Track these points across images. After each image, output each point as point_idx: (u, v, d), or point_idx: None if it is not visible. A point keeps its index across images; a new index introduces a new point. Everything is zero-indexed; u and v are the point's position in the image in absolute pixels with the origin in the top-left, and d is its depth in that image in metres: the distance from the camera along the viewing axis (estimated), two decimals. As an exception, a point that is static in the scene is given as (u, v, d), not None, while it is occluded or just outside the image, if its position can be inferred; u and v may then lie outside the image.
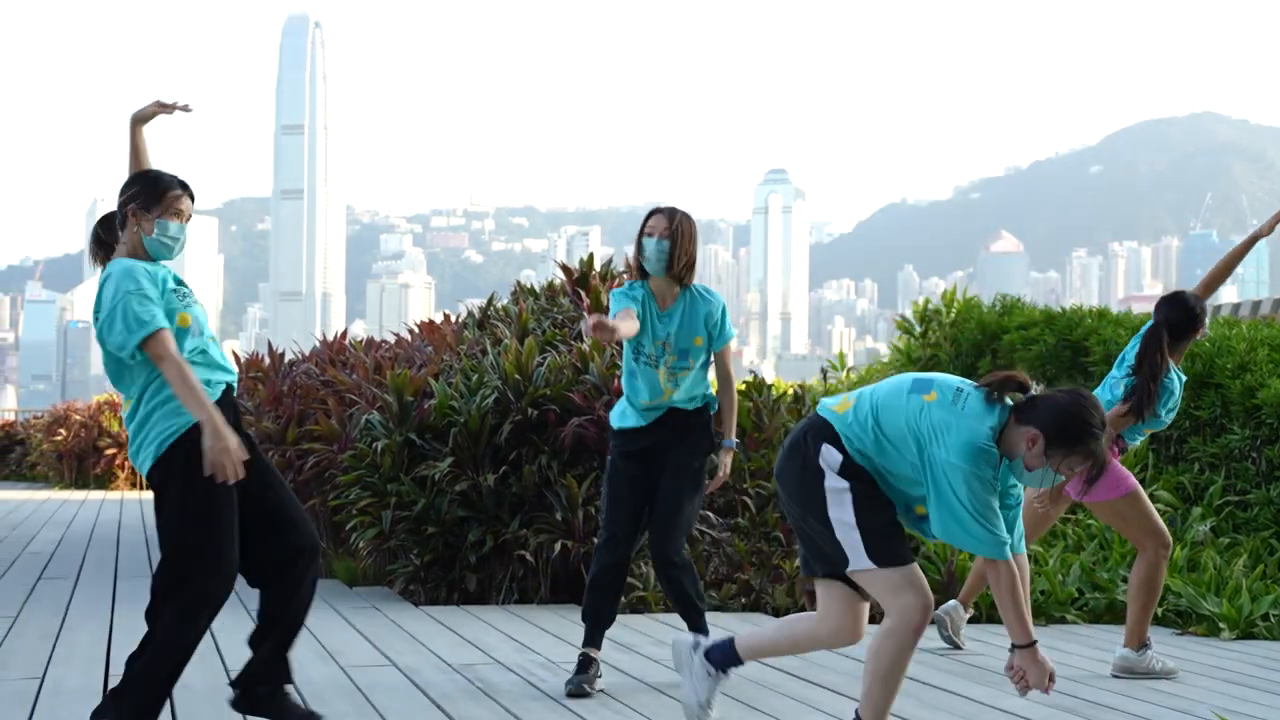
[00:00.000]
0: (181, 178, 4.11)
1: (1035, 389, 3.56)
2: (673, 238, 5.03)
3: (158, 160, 4.54)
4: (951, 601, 6.18)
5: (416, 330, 9.99)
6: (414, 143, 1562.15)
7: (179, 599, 3.79)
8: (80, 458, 19.19)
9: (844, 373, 14.31)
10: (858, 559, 3.60)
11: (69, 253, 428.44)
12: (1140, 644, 5.54)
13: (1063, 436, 3.46)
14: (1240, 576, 7.11)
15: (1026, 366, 11.07)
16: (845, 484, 3.59)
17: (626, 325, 4.75)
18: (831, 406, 3.69)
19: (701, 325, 5.05)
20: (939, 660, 5.80)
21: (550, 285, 9.81)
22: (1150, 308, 6.05)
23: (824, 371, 12.12)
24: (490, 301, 9.93)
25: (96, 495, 17.31)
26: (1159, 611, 6.95)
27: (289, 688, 4.10)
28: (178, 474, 3.79)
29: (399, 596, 7.56)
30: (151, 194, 3.99)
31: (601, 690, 5.00)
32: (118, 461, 18.88)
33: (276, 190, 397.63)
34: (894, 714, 4.70)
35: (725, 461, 5.24)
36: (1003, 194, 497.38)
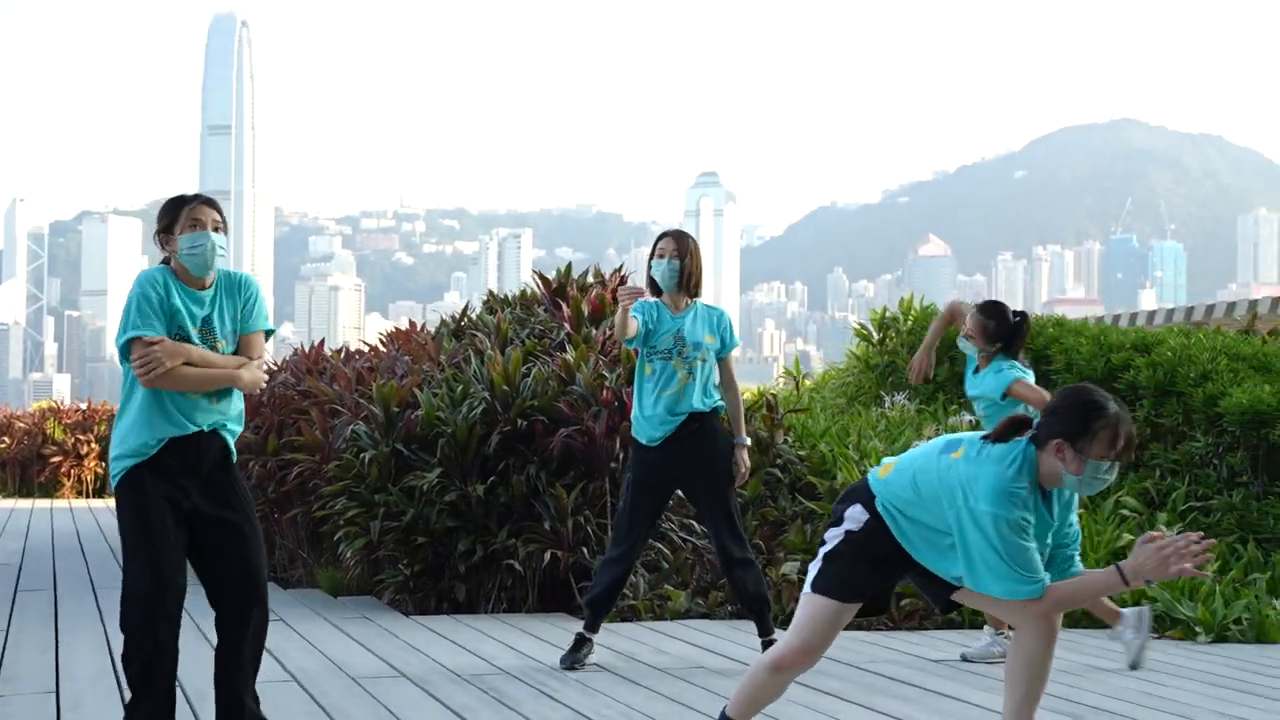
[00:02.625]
0: (196, 192, 4.19)
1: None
2: (681, 257, 5.76)
3: (78, 156, 4.58)
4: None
5: (387, 338, 10.00)
6: (343, 144, 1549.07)
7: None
8: (24, 465, 18.92)
9: (799, 379, 14.46)
10: (809, 584, 3.81)
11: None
12: (999, 630, 6.04)
13: (1078, 425, 3.52)
14: (1213, 581, 7.35)
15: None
16: (841, 535, 3.78)
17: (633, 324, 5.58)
18: (877, 472, 3.84)
19: (714, 327, 5.78)
20: (940, 668, 5.95)
21: (524, 294, 9.87)
22: (1073, 311, 6.50)
23: (796, 381, 12.26)
24: (465, 311, 9.97)
25: (43, 504, 17.05)
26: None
27: None
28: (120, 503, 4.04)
29: (387, 606, 7.58)
30: (170, 217, 4.07)
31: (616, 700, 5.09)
32: (63, 470, 18.63)
33: (203, 191, 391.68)
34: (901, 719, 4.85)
35: (742, 457, 5.81)
36: (930, 198, 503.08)
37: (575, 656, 5.77)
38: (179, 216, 4.05)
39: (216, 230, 4.05)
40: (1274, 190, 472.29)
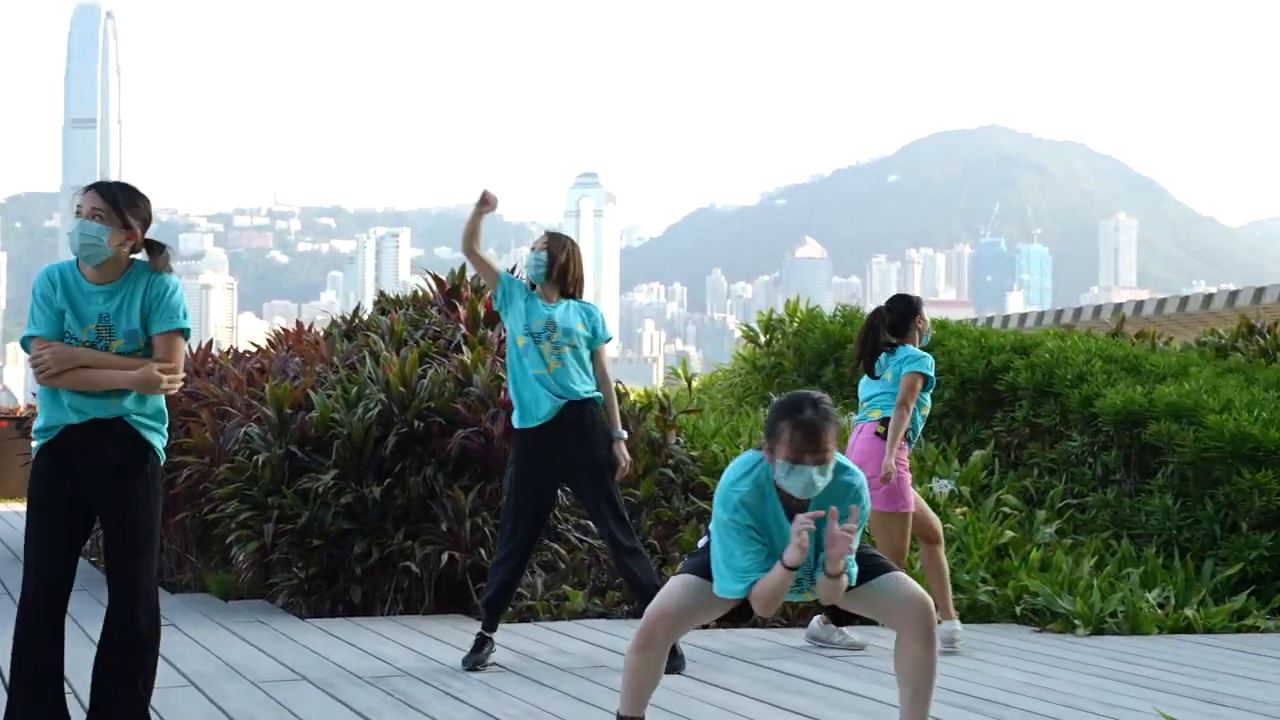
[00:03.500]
0: (94, 181, 4.12)
1: None
2: (549, 250, 5.89)
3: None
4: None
5: (275, 339, 9.88)
6: (216, 139, 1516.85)
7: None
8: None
9: (688, 380, 14.59)
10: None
11: None
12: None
13: (769, 429, 3.76)
14: (1090, 576, 7.63)
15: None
16: (705, 540, 3.99)
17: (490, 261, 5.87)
18: None
19: (586, 318, 5.90)
20: (836, 664, 6.10)
21: (415, 295, 9.84)
22: (945, 313, 6.85)
23: (688, 382, 12.38)
24: (356, 312, 9.90)
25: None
26: (1017, 610, 7.41)
27: None
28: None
29: (280, 610, 7.49)
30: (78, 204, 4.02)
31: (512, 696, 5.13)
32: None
33: (66, 186, 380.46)
34: (805, 715, 4.97)
35: (621, 450, 5.90)
36: (807, 201, 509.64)
37: (477, 657, 5.79)
38: (77, 207, 3.97)
39: (94, 218, 3.89)
40: (1134, 197, 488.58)
